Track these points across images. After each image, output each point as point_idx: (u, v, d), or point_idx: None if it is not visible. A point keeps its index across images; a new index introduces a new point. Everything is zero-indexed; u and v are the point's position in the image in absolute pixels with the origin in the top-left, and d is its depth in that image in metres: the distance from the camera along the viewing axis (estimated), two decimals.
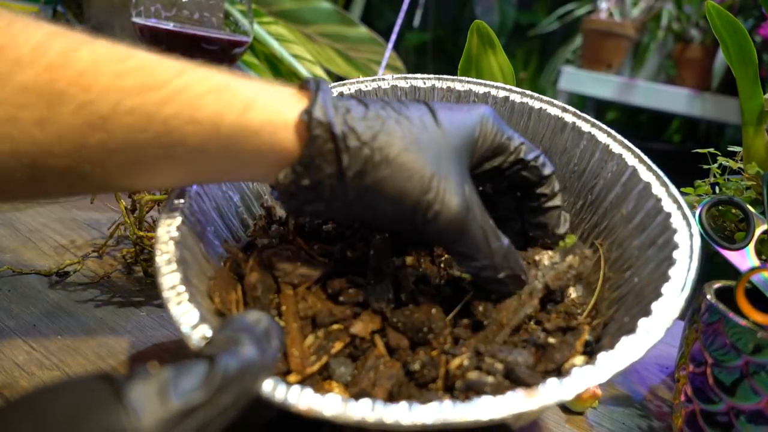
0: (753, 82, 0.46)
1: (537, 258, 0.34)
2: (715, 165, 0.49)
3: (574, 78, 1.55)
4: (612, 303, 0.33)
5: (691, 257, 0.30)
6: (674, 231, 0.32)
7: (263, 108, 0.28)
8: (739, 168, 0.48)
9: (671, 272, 0.29)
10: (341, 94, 0.45)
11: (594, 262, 0.34)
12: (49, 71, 0.25)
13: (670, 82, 1.51)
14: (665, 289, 0.29)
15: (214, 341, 0.22)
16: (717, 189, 0.48)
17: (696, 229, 0.31)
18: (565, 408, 0.40)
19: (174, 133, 0.27)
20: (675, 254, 0.30)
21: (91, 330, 0.42)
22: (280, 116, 0.28)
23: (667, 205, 0.33)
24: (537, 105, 0.42)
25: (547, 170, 0.34)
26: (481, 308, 0.32)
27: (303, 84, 0.30)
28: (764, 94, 0.47)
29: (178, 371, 0.20)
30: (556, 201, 0.35)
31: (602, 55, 1.51)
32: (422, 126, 0.29)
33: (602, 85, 1.50)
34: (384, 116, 0.29)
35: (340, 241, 0.37)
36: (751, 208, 0.40)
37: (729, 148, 0.51)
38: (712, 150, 0.49)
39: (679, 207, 0.33)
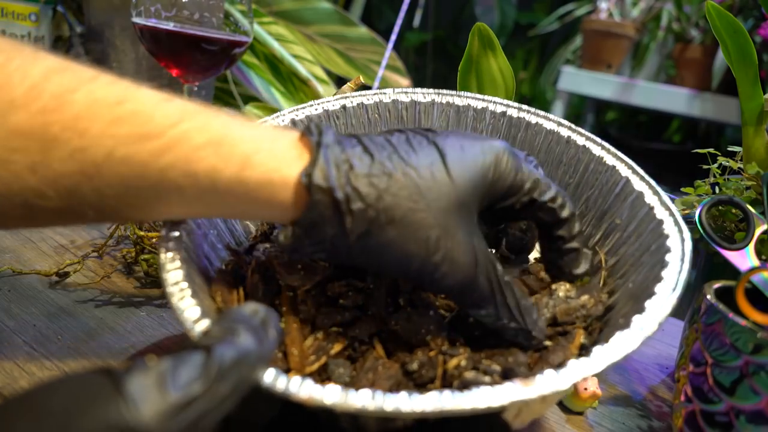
0: (753, 83, 0.47)
1: (554, 287, 0.34)
2: (715, 165, 0.49)
3: (574, 78, 1.55)
4: (608, 309, 0.34)
5: (682, 260, 0.31)
6: (666, 236, 0.32)
7: (262, 164, 0.27)
8: (739, 168, 0.48)
9: (663, 273, 0.30)
10: (344, 108, 0.45)
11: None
12: (43, 114, 0.24)
13: (670, 82, 1.50)
14: (658, 288, 0.29)
15: (211, 333, 0.22)
16: (717, 189, 0.48)
17: (687, 234, 0.32)
18: (565, 408, 0.40)
19: (169, 184, 0.26)
20: (667, 257, 0.31)
21: (91, 330, 0.42)
22: (279, 174, 0.27)
23: (660, 212, 0.34)
24: (533, 119, 0.43)
25: (564, 212, 0.33)
26: (472, 319, 0.32)
27: (304, 133, 0.29)
28: (764, 94, 0.47)
29: (176, 363, 0.20)
30: (574, 244, 0.34)
31: (602, 55, 1.51)
32: (431, 178, 0.28)
33: (602, 85, 1.50)
34: (390, 169, 0.27)
35: None
36: (751, 208, 0.40)
37: (729, 148, 0.51)
38: (712, 150, 0.49)
39: (671, 214, 0.34)
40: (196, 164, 0.26)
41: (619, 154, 0.39)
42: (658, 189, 0.36)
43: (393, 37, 0.90)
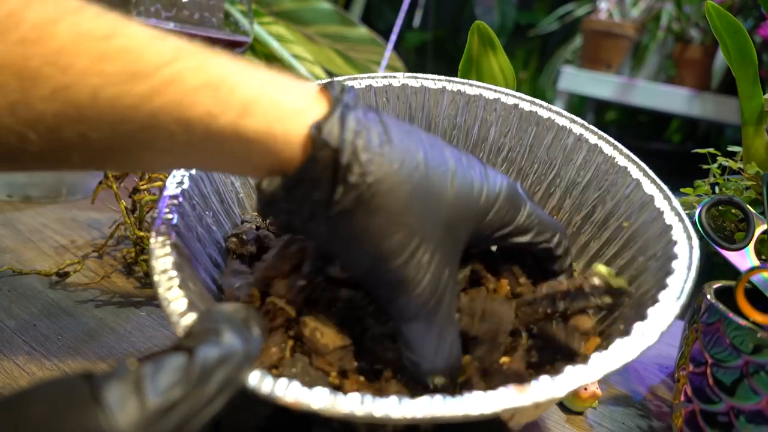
0: (753, 82, 0.46)
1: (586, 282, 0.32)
2: (715, 165, 0.49)
3: (574, 78, 1.55)
4: (610, 314, 0.33)
5: (689, 268, 0.30)
6: (674, 243, 0.32)
7: (263, 114, 0.25)
8: (739, 168, 0.48)
9: (668, 281, 0.29)
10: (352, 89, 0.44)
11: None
12: (22, 46, 0.22)
13: (670, 82, 1.50)
14: (662, 296, 0.29)
15: (193, 334, 0.22)
16: (717, 189, 0.48)
17: (696, 241, 0.31)
18: (565, 408, 0.40)
19: (161, 129, 0.24)
20: (674, 264, 0.30)
21: (91, 330, 0.42)
22: (281, 126, 0.25)
23: (669, 218, 0.33)
24: (545, 114, 0.42)
25: (559, 251, 0.32)
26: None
27: (325, 86, 0.27)
28: (764, 94, 0.47)
29: (156, 367, 0.19)
30: (563, 276, 0.33)
31: (602, 56, 1.51)
32: (438, 187, 0.27)
33: (602, 85, 1.50)
34: (402, 159, 0.26)
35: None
36: (751, 208, 0.40)
37: (729, 148, 0.51)
38: (712, 150, 0.49)
39: (681, 220, 0.33)
40: (190, 109, 0.24)
41: (632, 155, 0.38)
42: (669, 194, 0.35)
43: (393, 37, 0.90)
